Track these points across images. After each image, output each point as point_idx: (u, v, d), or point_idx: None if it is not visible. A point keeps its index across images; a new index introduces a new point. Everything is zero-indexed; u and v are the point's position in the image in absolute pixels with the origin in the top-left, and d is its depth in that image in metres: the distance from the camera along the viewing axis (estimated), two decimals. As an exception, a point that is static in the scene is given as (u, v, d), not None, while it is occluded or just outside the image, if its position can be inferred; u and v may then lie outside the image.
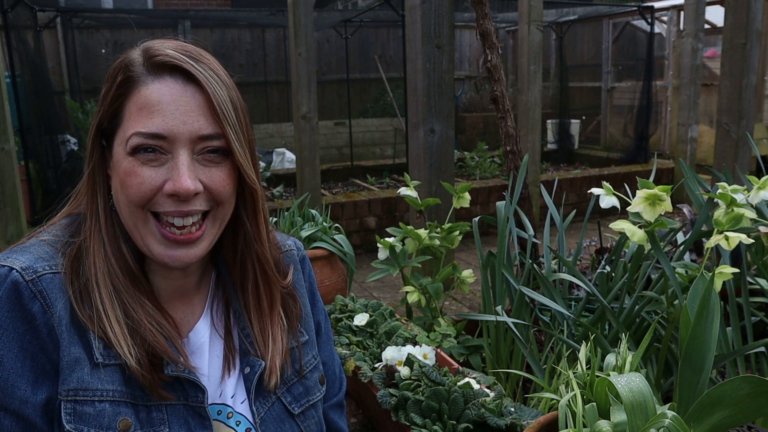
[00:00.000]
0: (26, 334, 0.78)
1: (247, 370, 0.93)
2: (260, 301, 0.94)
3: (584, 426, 1.03)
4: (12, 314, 0.78)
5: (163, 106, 0.80)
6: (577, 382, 1.11)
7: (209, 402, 0.89)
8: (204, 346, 0.92)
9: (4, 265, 0.80)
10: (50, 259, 0.82)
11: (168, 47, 0.82)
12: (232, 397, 0.92)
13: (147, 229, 0.82)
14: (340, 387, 1.16)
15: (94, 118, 0.86)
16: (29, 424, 0.78)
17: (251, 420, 0.92)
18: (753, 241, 1.64)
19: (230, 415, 0.91)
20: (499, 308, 1.92)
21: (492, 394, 1.60)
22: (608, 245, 2.94)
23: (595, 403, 1.05)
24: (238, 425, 0.91)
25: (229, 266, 0.95)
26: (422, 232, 2.34)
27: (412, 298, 2.27)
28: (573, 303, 2.13)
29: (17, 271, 0.79)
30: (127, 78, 0.82)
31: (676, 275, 1.61)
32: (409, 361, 1.73)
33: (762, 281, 1.93)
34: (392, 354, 1.77)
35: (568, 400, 1.07)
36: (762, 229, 1.95)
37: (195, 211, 0.82)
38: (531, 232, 2.30)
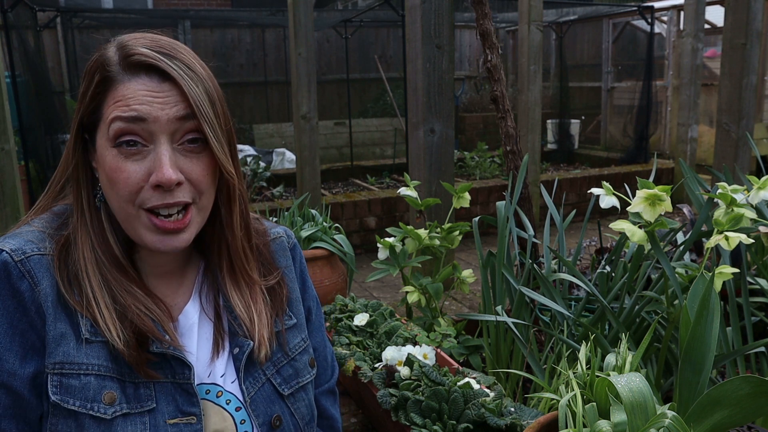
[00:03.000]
0: (16, 312, 0.83)
1: (236, 350, 0.96)
2: (239, 282, 0.98)
3: (584, 426, 1.03)
4: (2, 292, 0.83)
5: (140, 98, 0.84)
6: (577, 382, 1.11)
7: (198, 382, 0.92)
8: (193, 327, 0.96)
9: None
10: (39, 243, 0.88)
11: (141, 44, 0.86)
12: (221, 376, 0.95)
13: (139, 222, 0.87)
14: (332, 374, 1.18)
15: (75, 116, 0.90)
16: (17, 395, 0.82)
17: (241, 399, 0.95)
18: (753, 241, 1.64)
19: (219, 393, 0.94)
20: (499, 308, 1.92)
21: (492, 394, 1.60)
22: (608, 245, 2.93)
23: (595, 403, 1.05)
24: (228, 404, 0.94)
25: (212, 252, 0.99)
26: (422, 232, 2.34)
27: (412, 298, 2.27)
28: (573, 303, 2.13)
29: (7, 252, 0.84)
30: (103, 78, 0.86)
31: (676, 275, 1.61)
32: (409, 361, 1.73)
33: (762, 281, 1.93)
34: (392, 354, 1.77)
35: (568, 400, 1.07)
36: (762, 229, 1.95)
37: (179, 203, 0.86)
38: (531, 232, 2.30)
